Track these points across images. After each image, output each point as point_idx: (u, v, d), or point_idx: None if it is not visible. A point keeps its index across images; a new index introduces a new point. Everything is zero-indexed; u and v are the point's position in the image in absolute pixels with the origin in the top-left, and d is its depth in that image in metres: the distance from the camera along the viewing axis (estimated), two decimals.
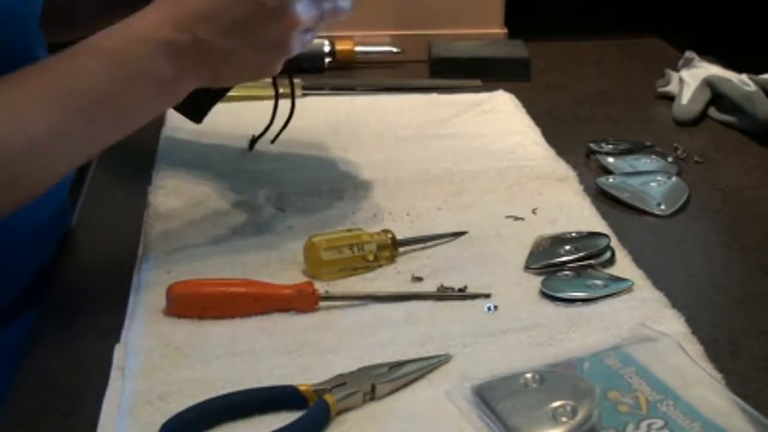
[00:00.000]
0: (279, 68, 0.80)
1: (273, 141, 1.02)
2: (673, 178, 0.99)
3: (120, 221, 0.92)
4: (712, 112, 1.18)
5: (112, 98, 0.72)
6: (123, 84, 0.72)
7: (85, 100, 0.71)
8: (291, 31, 0.76)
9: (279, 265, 0.82)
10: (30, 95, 0.70)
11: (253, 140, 1.05)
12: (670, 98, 1.22)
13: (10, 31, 0.76)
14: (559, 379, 0.65)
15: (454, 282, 0.79)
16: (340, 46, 1.35)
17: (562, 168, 1.01)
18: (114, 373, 0.69)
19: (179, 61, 0.73)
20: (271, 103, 1.01)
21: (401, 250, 0.84)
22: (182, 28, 0.73)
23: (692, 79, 1.20)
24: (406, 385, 0.67)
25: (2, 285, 0.84)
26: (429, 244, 0.86)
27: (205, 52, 0.74)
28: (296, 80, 1.06)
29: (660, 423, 0.61)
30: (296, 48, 0.79)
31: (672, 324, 0.74)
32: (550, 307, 0.77)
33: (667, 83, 1.24)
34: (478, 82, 1.29)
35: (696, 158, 1.06)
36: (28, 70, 0.72)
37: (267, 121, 1.02)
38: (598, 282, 0.79)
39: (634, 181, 0.98)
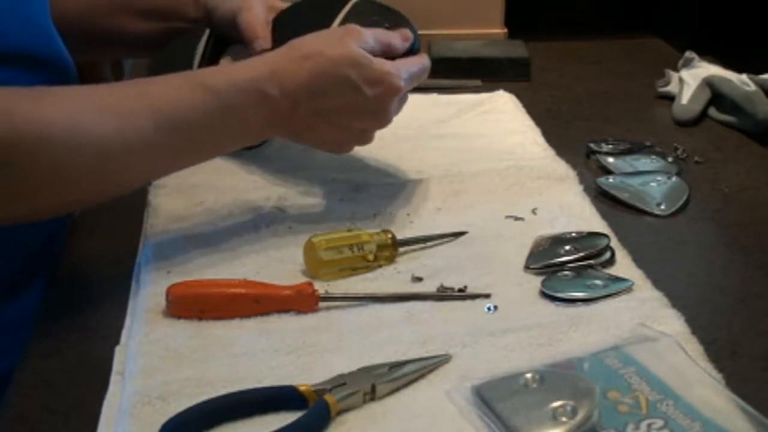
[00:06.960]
0: (373, 138, 0.86)
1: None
2: (673, 178, 0.99)
3: (120, 221, 0.92)
4: (712, 112, 1.18)
5: (205, 133, 0.79)
6: (220, 126, 0.79)
7: (185, 128, 0.77)
8: (389, 101, 0.83)
9: (279, 266, 0.82)
10: (139, 108, 0.75)
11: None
12: (670, 98, 1.22)
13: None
14: (559, 379, 0.65)
15: (454, 282, 0.79)
16: None
17: (562, 168, 1.01)
18: (114, 374, 0.69)
19: (273, 118, 0.81)
20: None
21: (401, 250, 0.84)
22: (287, 94, 0.80)
23: (692, 79, 1.20)
24: (406, 385, 0.67)
25: (10, 252, 0.85)
26: (429, 244, 0.86)
27: (298, 118, 0.82)
28: None
29: (660, 423, 0.61)
30: (393, 116, 0.85)
31: (672, 324, 0.74)
32: (550, 307, 0.76)
33: (667, 83, 1.24)
34: (478, 82, 1.29)
35: (696, 158, 1.06)
36: (142, 84, 0.80)
37: None
38: (598, 282, 0.79)
39: (634, 181, 0.98)
